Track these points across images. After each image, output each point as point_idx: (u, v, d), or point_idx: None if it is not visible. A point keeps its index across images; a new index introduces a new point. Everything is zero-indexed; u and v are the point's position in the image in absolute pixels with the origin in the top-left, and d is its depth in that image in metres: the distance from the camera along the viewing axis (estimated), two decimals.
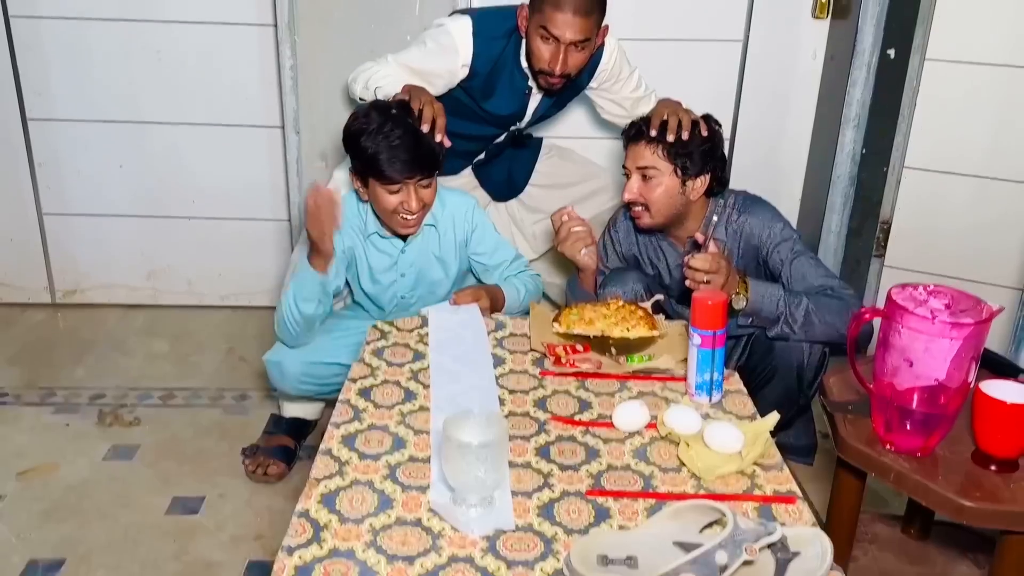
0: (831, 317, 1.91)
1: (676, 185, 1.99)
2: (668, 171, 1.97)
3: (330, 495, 1.26)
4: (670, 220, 2.05)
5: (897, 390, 1.44)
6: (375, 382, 1.57)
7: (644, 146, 1.98)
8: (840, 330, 1.91)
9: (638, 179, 2.00)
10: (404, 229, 1.96)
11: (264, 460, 2.21)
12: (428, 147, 1.87)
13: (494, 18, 2.23)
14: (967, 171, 2.60)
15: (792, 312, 1.91)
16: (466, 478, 1.20)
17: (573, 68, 2.14)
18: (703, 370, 1.51)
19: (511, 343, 1.75)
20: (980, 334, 1.41)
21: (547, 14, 2.06)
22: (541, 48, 2.11)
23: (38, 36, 2.75)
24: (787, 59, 2.78)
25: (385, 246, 2.04)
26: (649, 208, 2.01)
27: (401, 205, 1.89)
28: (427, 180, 1.90)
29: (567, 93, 2.35)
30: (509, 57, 2.22)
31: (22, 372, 2.66)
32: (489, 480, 1.21)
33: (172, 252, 3.02)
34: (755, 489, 1.30)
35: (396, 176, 1.85)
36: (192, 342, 2.88)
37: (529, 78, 2.24)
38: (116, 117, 2.85)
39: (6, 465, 2.22)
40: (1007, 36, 2.45)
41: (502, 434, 1.23)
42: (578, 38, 2.08)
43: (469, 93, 2.24)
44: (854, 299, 1.95)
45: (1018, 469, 1.42)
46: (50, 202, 2.95)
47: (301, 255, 1.95)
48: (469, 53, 2.17)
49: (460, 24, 2.17)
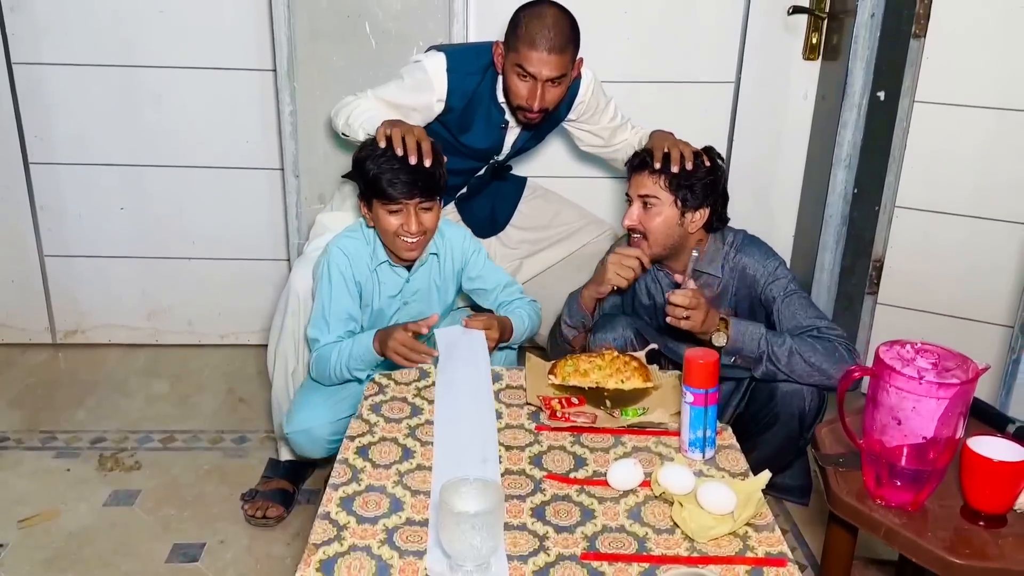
0: (816, 358, 1.94)
1: (675, 216, 2.03)
2: (668, 201, 2.02)
3: (329, 561, 1.28)
4: (667, 251, 2.08)
5: (886, 447, 1.46)
6: (373, 439, 1.59)
7: (647, 175, 2.03)
8: (827, 372, 1.94)
9: (639, 207, 2.05)
10: (406, 252, 2.01)
11: (263, 504, 2.23)
12: (429, 170, 1.94)
13: (468, 54, 2.28)
14: (957, 211, 2.64)
15: (775, 351, 1.94)
16: (462, 546, 1.21)
17: (550, 103, 2.20)
18: (696, 427, 1.53)
19: (507, 396, 1.77)
20: (967, 392, 1.44)
21: (522, 53, 2.12)
22: (518, 85, 2.16)
23: (40, 82, 2.79)
24: (779, 100, 2.83)
25: (392, 275, 2.08)
26: (647, 237, 2.06)
27: (401, 227, 1.95)
28: (428, 203, 1.96)
29: (546, 126, 2.40)
30: (485, 92, 2.27)
31: (23, 415, 2.68)
32: (484, 548, 1.22)
33: (172, 292, 3.06)
34: (747, 551, 1.32)
35: (396, 196, 1.91)
36: (192, 382, 2.90)
37: (506, 112, 2.29)
38: (117, 161, 2.89)
39: (8, 512, 2.23)
40: (993, 79, 2.49)
41: (498, 501, 1.25)
42: (554, 75, 2.13)
43: (447, 127, 2.28)
44: (842, 341, 1.98)
45: (1006, 524, 1.45)
46: (51, 244, 2.98)
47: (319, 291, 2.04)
48: (444, 89, 2.22)
49: (435, 61, 2.22)
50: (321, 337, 2.00)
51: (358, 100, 2.23)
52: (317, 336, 2.01)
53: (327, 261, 2.02)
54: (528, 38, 2.11)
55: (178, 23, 2.73)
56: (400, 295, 2.10)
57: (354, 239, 2.05)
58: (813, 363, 1.94)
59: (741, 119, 2.85)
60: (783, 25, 2.74)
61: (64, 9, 2.71)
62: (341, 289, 2.01)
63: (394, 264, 2.06)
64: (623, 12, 2.73)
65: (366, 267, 2.04)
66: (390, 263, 2.06)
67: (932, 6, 2.49)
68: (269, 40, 2.70)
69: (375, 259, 2.05)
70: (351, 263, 2.02)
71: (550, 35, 2.10)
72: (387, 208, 1.94)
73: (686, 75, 2.80)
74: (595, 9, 2.71)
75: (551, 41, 2.10)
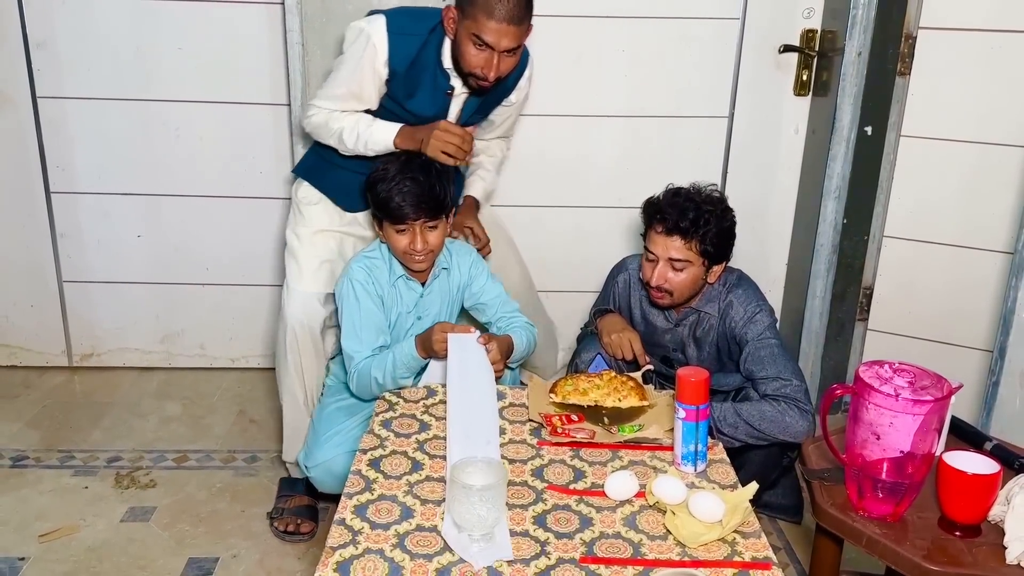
0: (765, 426, 2.02)
1: (702, 272, 2.14)
2: (698, 262, 2.12)
3: (345, 563, 1.37)
4: (686, 300, 2.20)
5: (867, 460, 1.56)
6: (384, 452, 1.69)
7: (680, 240, 2.10)
8: (776, 439, 2.02)
9: (667, 268, 2.13)
10: (415, 267, 2.14)
11: (292, 519, 2.32)
12: (433, 193, 2.07)
13: (410, 16, 2.22)
14: (943, 240, 2.74)
15: (722, 430, 2.01)
16: (471, 516, 1.38)
17: (505, 71, 2.14)
18: (688, 442, 1.63)
19: (511, 413, 1.87)
20: (941, 409, 1.54)
21: (480, 22, 2.04)
22: (474, 55, 2.09)
23: (63, 115, 2.91)
24: (771, 134, 2.94)
25: (407, 291, 2.20)
26: (673, 293, 2.15)
27: (409, 245, 2.08)
28: (433, 222, 2.08)
29: (492, 98, 2.35)
30: (430, 56, 2.20)
31: (42, 435, 2.77)
32: (490, 518, 1.39)
33: (186, 317, 3.15)
34: (735, 556, 1.41)
35: (402, 216, 2.04)
36: (204, 404, 2.99)
37: (451, 77, 2.23)
38: (135, 190, 3.00)
39: (28, 528, 2.32)
40: (975, 115, 2.61)
41: (501, 478, 1.42)
42: (512, 45, 2.08)
43: (392, 95, 2.23)
44: (793, 401, 2.03)
45: (980, 534, 1.53)
46: (70, 270, 3.08)
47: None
48: (385, 50, 2.15)
49: (376, 24, 2.15)
50: (356, 354, 2.10)
51: (330, 120, 2.21)
52: (353, 352, 2.11)
53: (349, 280, 2.14)
54: (486, 6, 2.02)
55: (196, 59, 2.86)
56: (416, 309, 2.21)
57: (372, 257, 2.18)
58: (762, 430, 2.02)
59: (735, 152, 2.97)
60: (774, 63, 2.86)
61: (87, 45, 2.83)
62: (368, 303, 2.12)
63: (410, 278, 2.18)
64: (621, 51, 2.85)
65: (386, 282, 2.17)
66: (406, 277, 2.18)
67: (916, 45, 2.61)
68: (284, 76, 2.82)
69: (393, 274, 2.17)
70: (372, 278, 2.15)
71: (510, 4, 2.03)
72: (395, 228, 2.08)
73: (681, 110, 2.92)
74: (594, 47, 2.85)
75: (511, 12, 2.03)
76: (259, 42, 2.83)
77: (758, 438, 2.03)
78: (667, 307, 2.23)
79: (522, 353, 2.17)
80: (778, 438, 2.03)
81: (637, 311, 2.32)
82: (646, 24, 2.83)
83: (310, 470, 2.16)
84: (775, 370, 2.07)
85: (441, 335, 1.98)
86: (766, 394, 2.06)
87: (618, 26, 2.83)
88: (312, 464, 2.14)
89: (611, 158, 2.97)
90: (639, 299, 2.32)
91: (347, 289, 2.14)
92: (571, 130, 2.94)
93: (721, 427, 2.02)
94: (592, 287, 2.72)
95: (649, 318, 2.30)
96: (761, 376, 2.08)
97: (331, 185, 2.36)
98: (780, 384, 2.06)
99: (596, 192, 3.00)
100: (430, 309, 2.23)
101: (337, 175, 2.34)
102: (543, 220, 3.02)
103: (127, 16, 2.81)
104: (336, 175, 2.34)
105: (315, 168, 2.38)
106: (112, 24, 2.81)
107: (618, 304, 2.36)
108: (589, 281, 2.88)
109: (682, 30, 2.84)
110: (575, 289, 3.03)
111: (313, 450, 2.14)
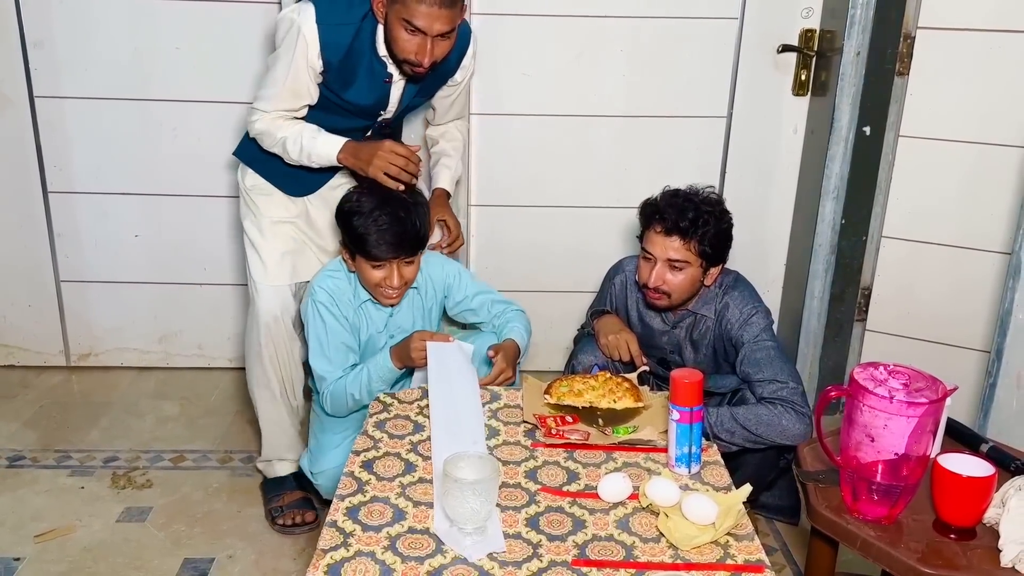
0: (761, 430, 2.02)
1: (699, 274, 2.13)
2: (696, 263, 2.11)
3: (335, 565, 1.36)
4: (686, 302, 2.19)
5: (861, 463, 1.55)
6: (377, 454, 1.68)
7: (679, 240, 2.09)
8: (773, 442, 2.02)
9: (665, 269, 2.12)
10: (386, 301, 2.11)
11: (293, 513, 2.32)
12: (414, 231, 2.03)
13: (339, 4, 2.11)
14: (940, 240, 2.73)
15: (718, 435, 2.01)
16: (463, 509, 1.39)
17: (440, 56, 2.06)
18: (682, 443, 1.62)
19: (504, 414, 1.86)
20: (936, 411, 1.53)
21: (410, 6, 1.96)
22: (406, 40, 2.01)
23: (61, 114, 2.91)
24: (769, 134, 2.93)
25: (375, 312, 2.17)
26: (670, 294, 2.15)
27: (384, 280, 2.04)
28: (410, 258, 2.05)
29: (433, 80, 2.27)
30: (365, 45, 2.12)
31: (39, 435, 2.77)
32: (483, 511, 1.40)
33: (183, 317, 3.15)
34: (727, 558, 1.40)
35: (381, 256, 2.01)
36: (202, 405, 2.99)
37: (388, 65, 2.15)
38: (132, 190, 3.00)
39: (24, 528, 2.31)
40: (974, 115, 2.60)
41: (493, 471, 1.42)
42: (445, 29, 2.00)
43: (328, 85, 2.16)
44: (790, 404, 2.03)
45: (975, 537, 1.53)
46: (67, 270, 3.08)
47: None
48: (317, 42, 2.06)
49: (305, 14, 2.06)
50: (328, 374, 2.09)
51: (272, 128, 2.15)
52: (324, 373, 2.09)
53: (312, 301, 2.11)
54: None
55: (194, 59, 2.85)
56: (387, 328, 2.19)
57: (335, 278, 2.14)
58: (759, 434, 2.02)
59: (733, 152, 2.96)
60: (773, 63, 2.85)
61: (85, 45, 2.83)
62: (333, 323, 2.09)
63: (375, 302, 2.15)
64: (619, 50, 2.85)
65: (349, 304, 2.13)
66: (372, 301, 2.15)
67: (915, 45, 2.61)
68: None
69: (357, 298, 2.14)
70: (335, 300, 2.11)
71: None
72: (370, 264, 2.03)
73: (680, 110, 2.92)
74: (593, 47, 2.84)
75: None
76: (257, 42, 2.82)
77: (755, 442, 2.03)
78: (664, 309, 2.22)
79: (527, 345, 2.15)
80: (775, 442, 2.02)
81: (634, 313, 2.32)
82: (645, 24, 2.83)
83: (316, 477, 2.15)
84: (771, 372, 2.07)
85: (420, 343, 1.94)
86: (763, 397, 2.05)
87: (617, 26, 2.82)
88: (318, 471, 2.13)
89: (609, 158, 2.97)
90: (636, 301, 2.31)
91: (312, 310, 2.11)
92: (569, 130, 2.93)
93: (718, 432, 2.01)
94: (589, 287, 2.71)
95: (646, 320, 2.30)
96: (758, 378, 2.08)
97: (275, 172, 2.27)
98: (777, 387, 2.05)
99: (594, 192, 3.00)
100: (403, 326, 2.19)
101: (278, 162, 2.23)
102: (540, 220, 3.02)
103: (125, 16, 2.81)
104: (277, 162, 2.24)
105: (257, 155, 2.28)
106: (110, 24, 2.81)
107: (615, 305, 2.35)
108: (586, 281, 2.87)
109: (680, 30, 2.83)
110: (572, 289, 3.03)
111: (318, 457, 2.14)
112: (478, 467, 1.44)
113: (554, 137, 2.94)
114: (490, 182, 2.99)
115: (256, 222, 2.31)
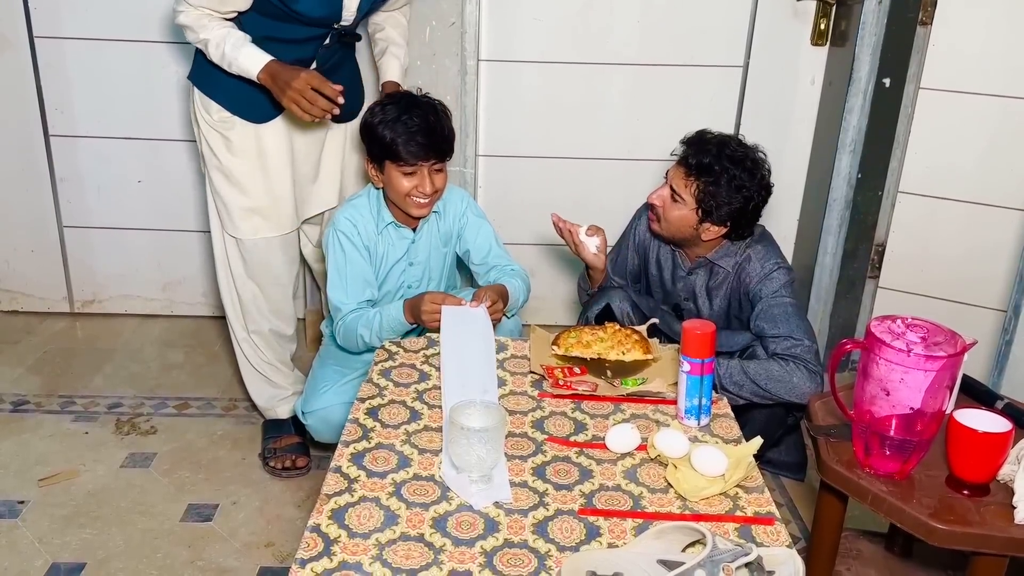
0: (771, 386, 1.98)
1: (693, 220, 2.09)
2: (691, 206, 2.07)
3: (339, 510, 1.34)
4: (676, 240, 2.17)
5: (875, 417, 1.52)
6: (382, 402, 1.66)
7: (685, 175, 2.08)
8: (781, 398, 1.99)
9: (667, 192, 2.12)
10: (417, 211, 2.07)
11: (285, 457, 2.33)
12: (442, 133, 2.01)
13: None
14: (958, 196, 2.68)
15: (726, 387, 1.98)
16: (470, 457, 1.38)
17: None
18: (692, 395, 1.59)
19: (512, 365, 1.84)
20: (954, 366, 1.49)
21: None
22: None
23: (61, 56, 2.85)
24: (786, 85, 2.86)
25: (398, 236, 2.14)
26: (660, 221, 2.14)
27: (415, 188, 2.02)
28: (440, 164, 2.03)
29: None
30: None
31: (43, 380, 2.76)
32: (489, 459, 1.39)
33: (187, 264, 3.12)
34: (737, 510, 1.38)
35: (412, 159, 1.98)
36: (206, 352, 2.97)
37: None
38: (135, 134, 2.94)
39: (29, 472, 2.31)
40: (998, 68, 2.53)
41: (500, 420, 1.41)
42: None
43: None
44: (802, 362, 1.99)
45: (988, 494, 1.50)
46: (70, 215, 3.05)
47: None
48: None
49: None
50: (343, 306, 2.07)
51: (197, 26, 2.01)
52: (340, 304, 2.07)
53: (334, 231, 2.09)
54: None
55: None
56: (406, 256, 2.16)
57: (358, 207, 2.12)
58: (768, 389, 1.99)
59: (749, 103, 2.89)
60: (792, 11, 2.77)
61: None
62: (354, 255, 2.08)
63: (400, 225, 2.12)
64: None
65: (373, 231, 2.11)
66: (396, 224, 2.12)
67: None
68: None
69: (382, 221, 2.11)
70: (358, 230, 2.09)
71: None
72: (401, 171, 2.00)
73: (695, 59, 2.84)
74: None
75: None
76: None
77: (763, 397, 2.00)
78: (656, 235, 2.23)
79: (517, 299, 2.12)
80: (783, 398, 1.99)
81: (653, 255, 2.30)
82: None
83: (307, 417, 2.15)
84: (787, 329, 2.03)
85: (432, 306, 1.90)
86: (775, 353, 2.02)
87: None
88: (309, 411, 2.12)
89: (620, 108, 2.90)
90: (658, 245, 2.29)
91: (333, 240, 2.09)
92: (580, 78, 2.86)
93: (726, 384, 1.98)
94: None
95: (663, 262, 2.28)
96: (772, 334, 2.04)
97: (234, 97, 2.13)
98: (791, 344, 2.01)
99: (605, 142, 2.94)
100: (420, 255, 2.18)
101: (234, 82, 2.07)
102: (550, 170, 2.96)
103: None
104: (233, 82, 2.07)
105: (209, 75, 2.12)
106: None
107: (638, 241, 2.33)
108: None
109: None
110: None
111: (311, 398, 2.13)
112: (485, 415, 1.43)
113: (565, 85, 2.87)
114: (498, 132, 2.93)
115: (228, 167, 2.24)
